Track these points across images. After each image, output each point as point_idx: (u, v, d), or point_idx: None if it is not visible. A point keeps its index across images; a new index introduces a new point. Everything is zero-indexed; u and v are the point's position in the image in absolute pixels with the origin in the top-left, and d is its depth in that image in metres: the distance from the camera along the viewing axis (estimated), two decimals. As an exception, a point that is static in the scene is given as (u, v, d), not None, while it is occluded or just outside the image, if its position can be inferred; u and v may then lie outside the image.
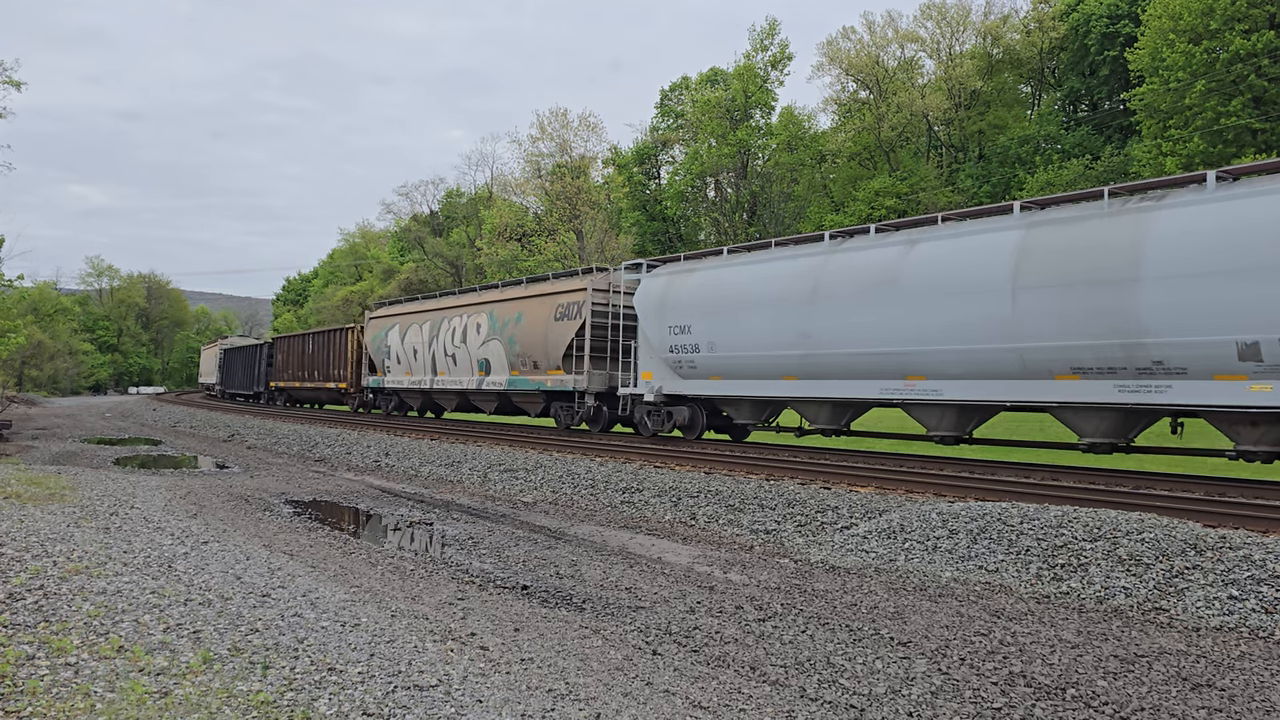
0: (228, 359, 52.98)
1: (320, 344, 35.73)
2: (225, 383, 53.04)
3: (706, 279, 17.61)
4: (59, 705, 4.30)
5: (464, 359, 25.02)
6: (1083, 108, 46.17)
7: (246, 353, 47.95)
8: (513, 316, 22.98)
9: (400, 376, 28.83)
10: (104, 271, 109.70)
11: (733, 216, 50.41)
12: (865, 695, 5.38)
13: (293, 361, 38.82)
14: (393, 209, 79.79)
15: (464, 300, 26.18)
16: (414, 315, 28.20)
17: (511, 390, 22.95)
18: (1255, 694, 5.43)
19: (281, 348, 40.87)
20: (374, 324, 31.07)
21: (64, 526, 9.33)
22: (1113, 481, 12.13)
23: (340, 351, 33.58)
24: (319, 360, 35.66)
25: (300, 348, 38.25)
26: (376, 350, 30.25)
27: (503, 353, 23.11)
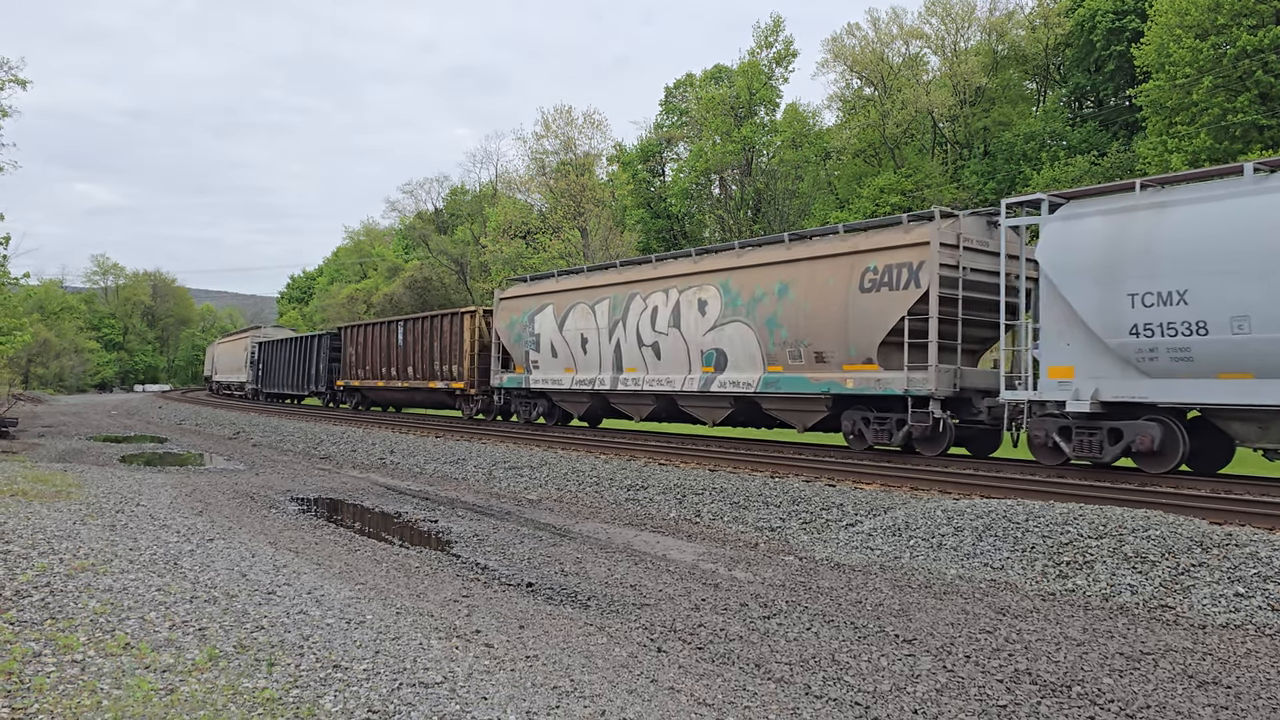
0: (266, 354, 45.17)
1: (419, 333, 28.47)
2: (263, 381, 45.21)
3: (1231, 213, 10.69)
4: (65, 702, 4.31)
5: (673, 350, 18.46)
6: (1088, 104, 46.01)
7: (295, 346, 40.14)
8: (771, 287, 16.42)
9: (556, 374, 22.02)
10: (109, 269, 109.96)
11: (737, 214, 50.35)
12: (870, 693, 5.37)
13: (372, 356, 31.63)
14: (397, 206, 79.81)
15: (672, 269, 19.16)
16: (580, 292, 21.32)
17: (770, 394, 16.39)
18: (1261, 691, 5.42)
19: (354, 339, 33.26)
20: (511, 306, 23.80)
21: (70, 524, 9.36)
22: (1118, 479, 12.09)
23: (450, 342, 26.53)
24: (416, 354, 28.51)
25: (383, 339, 31.05)
26: (516, 340, 23.23)
27: (753, 339, 16.64)
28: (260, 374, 45.87)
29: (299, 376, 39.19)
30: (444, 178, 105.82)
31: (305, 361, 38.46)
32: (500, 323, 24.17)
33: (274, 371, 43.36)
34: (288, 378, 40.84)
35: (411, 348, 28.81)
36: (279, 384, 42.41)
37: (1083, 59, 43.54)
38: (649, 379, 19.09)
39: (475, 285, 57.57)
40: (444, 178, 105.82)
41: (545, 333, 22.19)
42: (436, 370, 27.40)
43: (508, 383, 23.95)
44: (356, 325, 34.05)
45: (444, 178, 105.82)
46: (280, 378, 42.17)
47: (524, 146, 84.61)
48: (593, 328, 20.64)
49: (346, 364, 33.88)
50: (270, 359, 44.39)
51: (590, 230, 48.78)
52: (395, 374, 30.05)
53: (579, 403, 21.98)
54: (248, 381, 49.17)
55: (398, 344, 29.68)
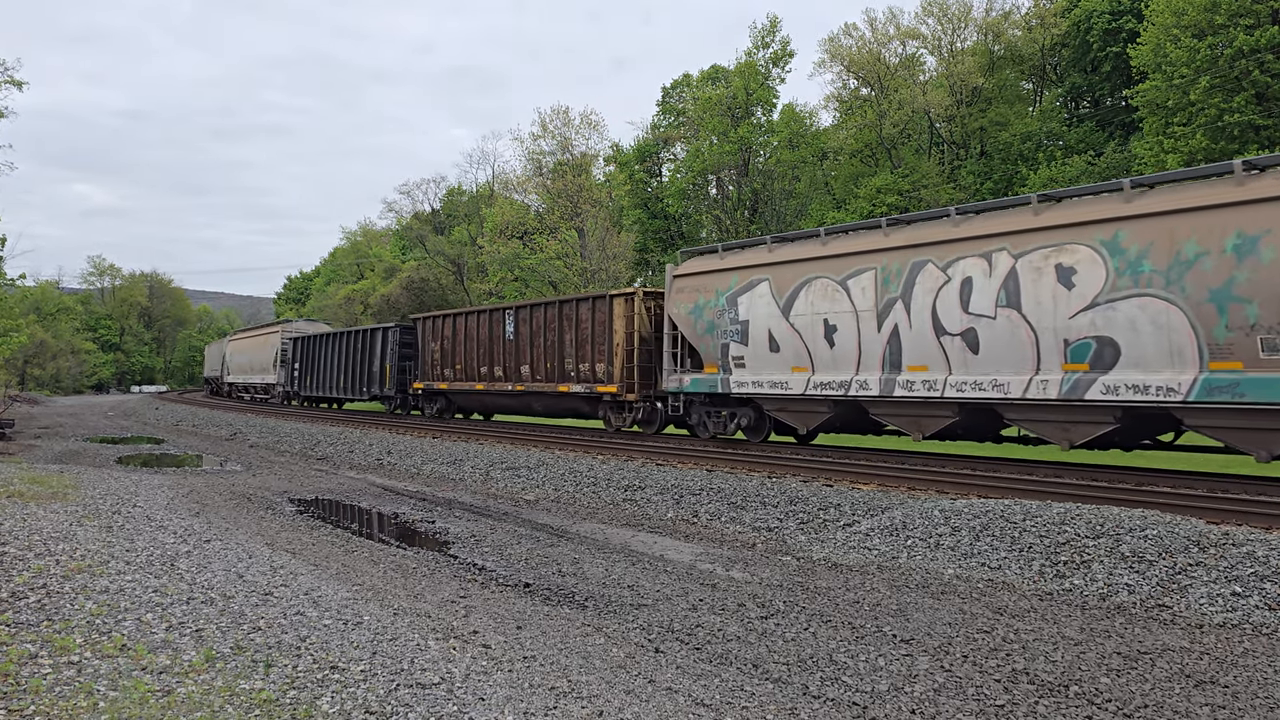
0: (305, 351, 38.02)
1: (540, 324, 22.56)
2: (300, 382, 38.31)
3: None
4: (62, 704, 4.30)
5: (1003, 339, 12.79)
6: (1085, 104, 46.10)
7: (348, 342, 33.34)
8: (1216, 241, 10.73)
9: (775, 374, 16.18)
10: (106, 270, 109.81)
11: (734, 214, 50.37)
12: (868, 693, 5.37)
13: (466, 352, 25.53)
14: (394, 207, 79.74)
15: (993, 224, 13.25)
16: (819, 263, 15.49)
17: (1219, 405, 10.70)
18: (1258, 691, 5.42)
19: (437, 332, 27.08)
20: (695, 285, 17.87)
21: (67, 525, 9.34)
22: (1115, 478, 12.11)
23: (593, 334, 20.72)
24: (535, 349, 22.65)
25: (482, 331, 24.88)
26: (706, 329, 17.46)
27: (1178, 322, 10.97)
28: (296, 374, 38.83)
29: (353, 377, 32.43)
30: (441, 178, 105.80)
31: (362, 360, 31.84)
32: (678, 307, 18.14)
33: (316, 371, 36.37)
34: (336, 379, 34.14)
35: (528, 342, 22.96)
36: (323, 386, 35.52)
37: (1079, 59, 43.64)
38: (957, 381, 13.37)
39: (473, 286, 57.54)
40: (441, 178, 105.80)
41: (758, 319, 16.39)
42: (570, 370, 21.47)
43: (691, 386, 17.92)
44: (443, 315, 27.33)
45: (441, 178, 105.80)
46: (325, 379, 35.31)
47: (521, 147, 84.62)
48: (845, 310, 14.84)
49: (428, 362, 27.51)
50: (310, 357, 37.22)
51: (587, 231, 48.77)
52: (503, 375, 23.95)
53: (811, 413, 15.97)
54: (277, 383, 42.03)
55: (505, 337, 23.85)
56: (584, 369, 21.07)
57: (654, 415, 20.00)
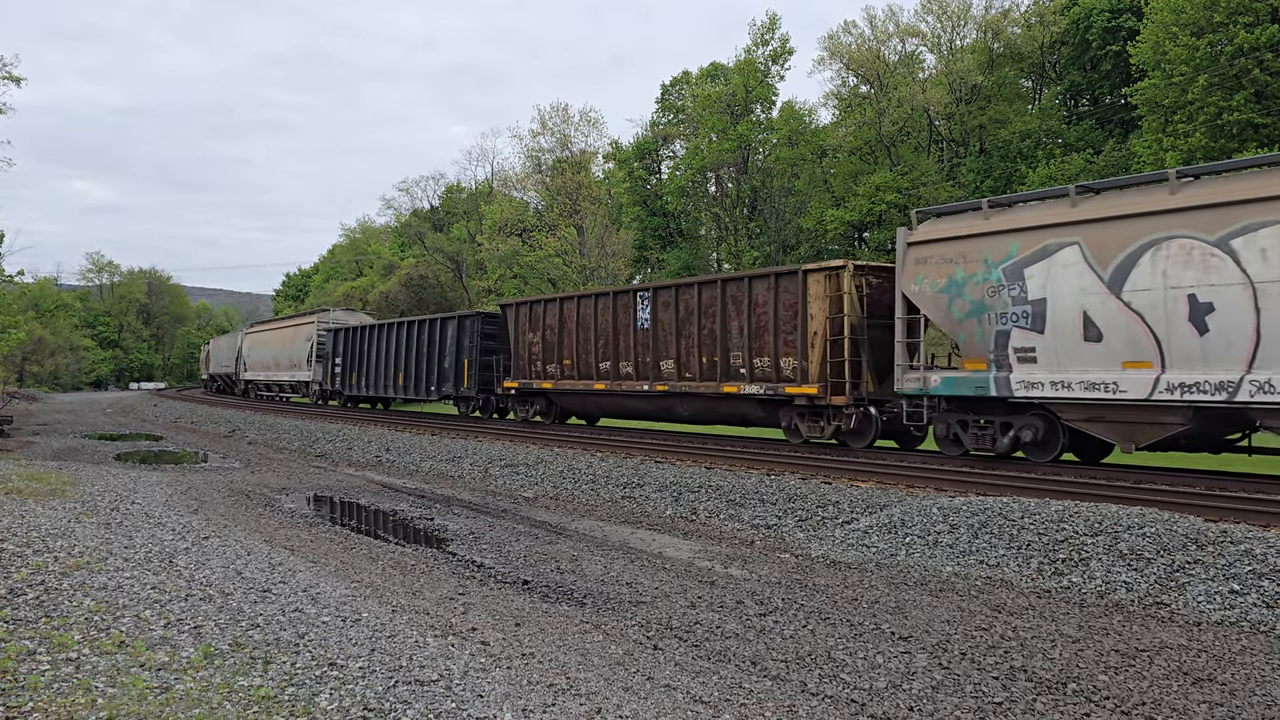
0: (352, 345, 33.12)
1: (692, 307, 18.14)
2: (343, 380, 33.65)
3: None
4: (60, 701, 4.30)
5: None
6: (1084, 102, 46.09)
7: (409, 333, 29.00)
8: None
9: (1086, 370, 12.23)
10: (105, 267, 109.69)
11: (733, 211, 50.37)
12: (866, 690, 5.37)
13: (582, 344, 21.12)
14: (393, 204, 79.85)
15: None
16: (1163, 219, 11.48)
17: None
18: (1256, 688, 5.43)
19: (539, 320, 22.52)
20: (948, 253, 13.98)
21: (65, 522, 9.33)
22: (1114, 476, 12.12)
23: (776, 321, 16.51)
24: (692, 341, 18.14)
25: (608, 317, 20.31)
26: (967, 312, 13.56)
27: None
28: (338, 371, 33.87)
29: (415, 374, 28.11)
30: (440, 175, 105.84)
31: (429, 354, 27.33)
32: (920, 284, 14.23)
33: (364, 368, 31.77)
34: (390, 376, 29.77)
35: (672, 331, 18.51)
36: (374, 384, 31.07)
37: (1078, 57, 43.63)
38: None
39: (471, 283, 57.54)
40: (440, 175, 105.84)
41: (1062, 296, 12.39)
42: (738, 366, 17.14)
43: (942, 387, 13.86)
44: (545, 300, 22.74)
45: (440, 175, 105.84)
46: (376, 376, 30.83)
47: (520, 144, 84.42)
48: (1230, 282, 10.74)
49: (523, 357, 23.00)
50: (357, 351, 32.48)
51: (586, 228, 48.75)
52: (633, 372, 19.59)
53: (1152, 424, 11.87)
54: (314, 380, 36.89)
55: (637, 326, 19.47)
56: (762, 365, 16.72)
57: (866, 424, 15.69)
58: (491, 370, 25.08)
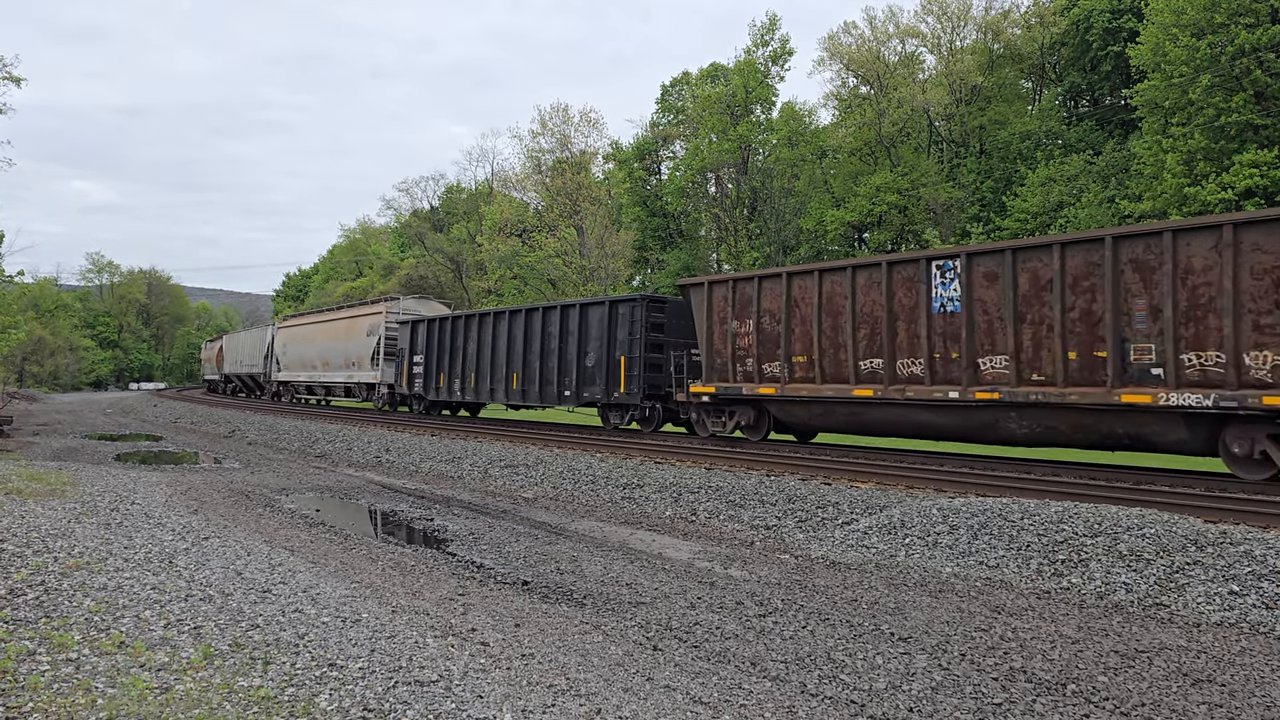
0: (434, 338, 27.78)
1: (1044, 275, 13.09)
2: (427, 383, 27.99)
3: None
4: (60, 701, 4.30)
5: None
6: (1084, 103, 46.09)
7: (531, 323, 23.44)
8: None
9: None
10: (104, 267, 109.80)
11: (733, 212, 50.38)
12: (866, 691, 5.38)
13: (828, 333, 15.83)
14: (393, 205, 79.84)
15: None
16: None
17: None
18: (1255, 689, 5.43)
19: (754, 304, 17.07)
20: None
21: (65, 522, 9.33)
22: (1114, 477, 12.12)
23: (1233, 291, 11.19)
24: (1033, 326, 13.13)
25: (878, 297, 15.13)
26: None
27: None
28: (419, 371, 28.39)
29: (541, 375, 22.74)
30: (440, 176, 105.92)
31: (560, 350, 22.23)
32: None
33: (460, 367, 26.29)
34: (503, 378, 24.25)
35: (1006, 313, 13.36)
36: (478, 387, 25.32)
37: (1078, 58, 43.64)
38: None
39: (471, 284, 57.56)
40: (440, 176, 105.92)
41: None
42: (1148, 364, 11.95)
43: None
44: (762, 277, 17.01)
45: (440, 176, 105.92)
46: (480, 377, 25.23)
47: (520, 145, 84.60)
48: None
49: (721, 353, 17.53)
50: (449, 347, 26.88)
51: (586, 229, 48.76)
52: (924, 373, 14.35)
53: None
54: (380, 382, 31.08)
55: (932, 307, 14.37)
56: (1204, 362, 11.44)
57: None
58: (661, 370, 19.78)
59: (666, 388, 19.82)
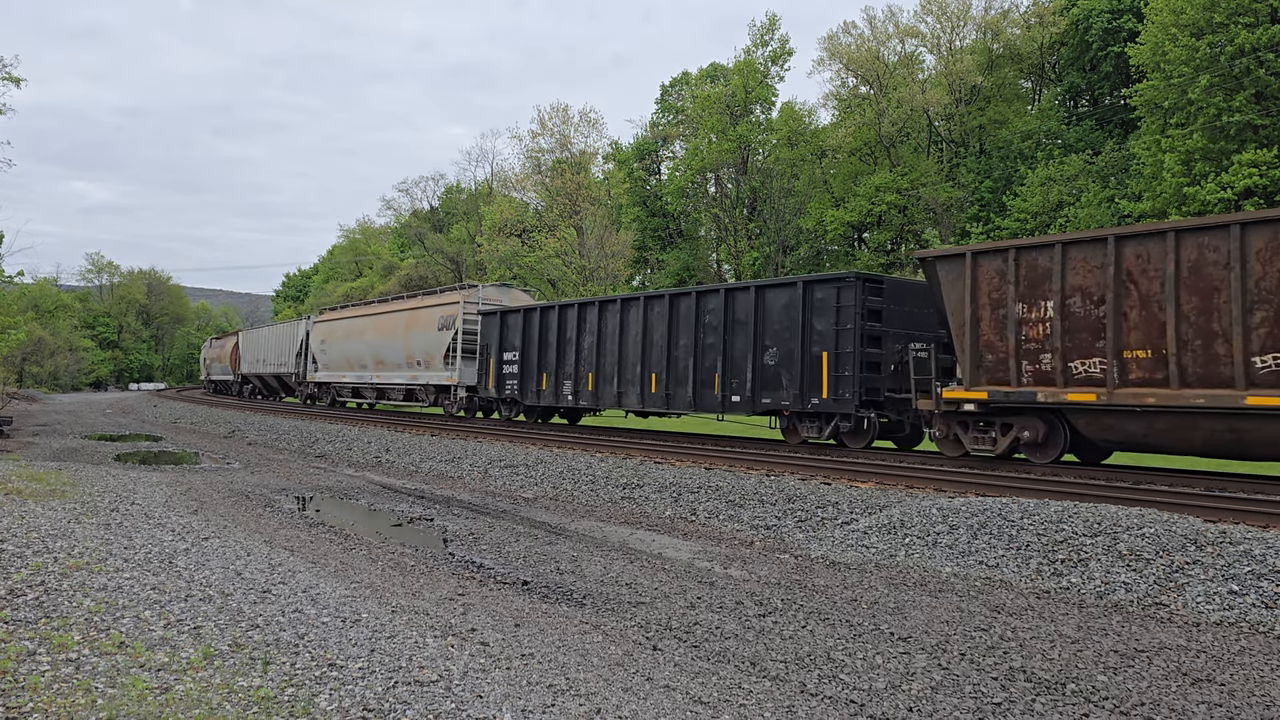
0: (530, 331, 23.70)
1: None
2: (523, 384, 23.91)
3: None
4: (60, 701, 4.30)
5: None
6: (1084, 103, 46.11)
7: (675, 311, 19.56)
8: None
9: None
10: (104, 268, 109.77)
11: (733, 212, 50.39)
12: (865, 690, 5.38)
13: (1197, 316, 11.64)
14: (393, 205, 79.86)
15: None
16: None
17: None
18: (1255, 689, 5.44)
19: (1054, 280, 12.89)
20: None
21: (65, 523, 9.34)
22: (1113, 477, 12.13)
23: None
24: None
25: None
26: None
27: None
28: (519, 370, 23.91)
29: (694, 375, 18.66)
30: (440, 176, 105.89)
31: (724, 344, 18.12)
32: None
33: (572, 365, 22.13)
34: (636, 378, 20.24)
35: None
36: (600, 391, 21.25)
37: (1078, 58, 43.67)
38: None
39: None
40: (440, 176, 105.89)
41: None
42: None
43: None
44: (1067, 243, 13.02)
45: (440, 176, 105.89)
46: (603, 378, 21.17)
47: (520, 145, 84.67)
48: None
49: (998, 346, 13.72)
50: (553, 342, 22.75)
51: (586, 229, 48.77)
52: None
53: None
54: (458, 383, 26.65)
55: None
56: None
57: None
58: (878, 370, 16.13)
59: (887, 391, 16.01)
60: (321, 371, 36.73)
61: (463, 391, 26.83)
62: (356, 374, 33.56)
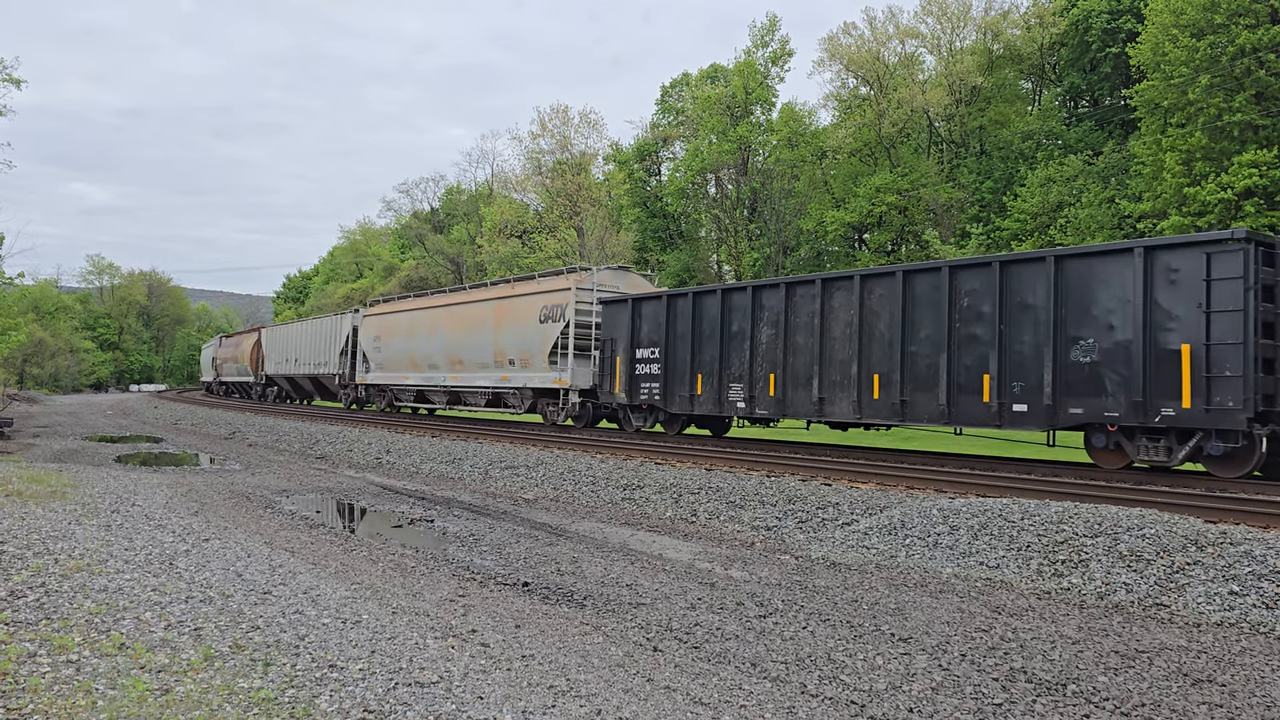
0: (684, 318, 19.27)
1: None
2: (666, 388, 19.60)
3: None
4: (60, 703, 4.30)
5: None
6: (1084, 104, 46.10)
7: (910, 291, 15.06)
8: None
9: None
10: (105, 269, 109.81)
11: (733, 213, 50.39)
12: (866, 691, 5.38)
13: None
14: (393, 206, 79.92)
15: None
16: None
17: None
18: (1256, 689, 5.43)
19: None
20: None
21: (65, 524, 9.34)
22: (1114, 477, 12.12)
23: None
24: None
25: None
26: None
27: None
28: (664, 369, 19.56)
29: (950, 377, 14.31)
30: (440, 177, 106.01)
31: (993, 336, 13.86)
32: None
33: (751, 364, 17.56)
34: (859, 380, 15.66)
35: None
36: (788, 396, 16.80)
37: (1078, 59, 43.64)
38: None
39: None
40: (440, 177, 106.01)
41: None
42: None
43: None
44: None
45: (440, 177, 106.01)
46: (795, 380, 16.75)
47: (520, 146, 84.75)
48: None
49: None
50: (727, 335, 18.22)
51: (586, 230, 48.79)
52: None
53: None
54: (569, 385, 22.15)
55: None
56: None
57: None
58: (1274, 370, 11.79)
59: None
60: (375, 372, 32.01)
61: (575, 396, 22.26)
62: (424, 375, 28.71)
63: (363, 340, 32.96)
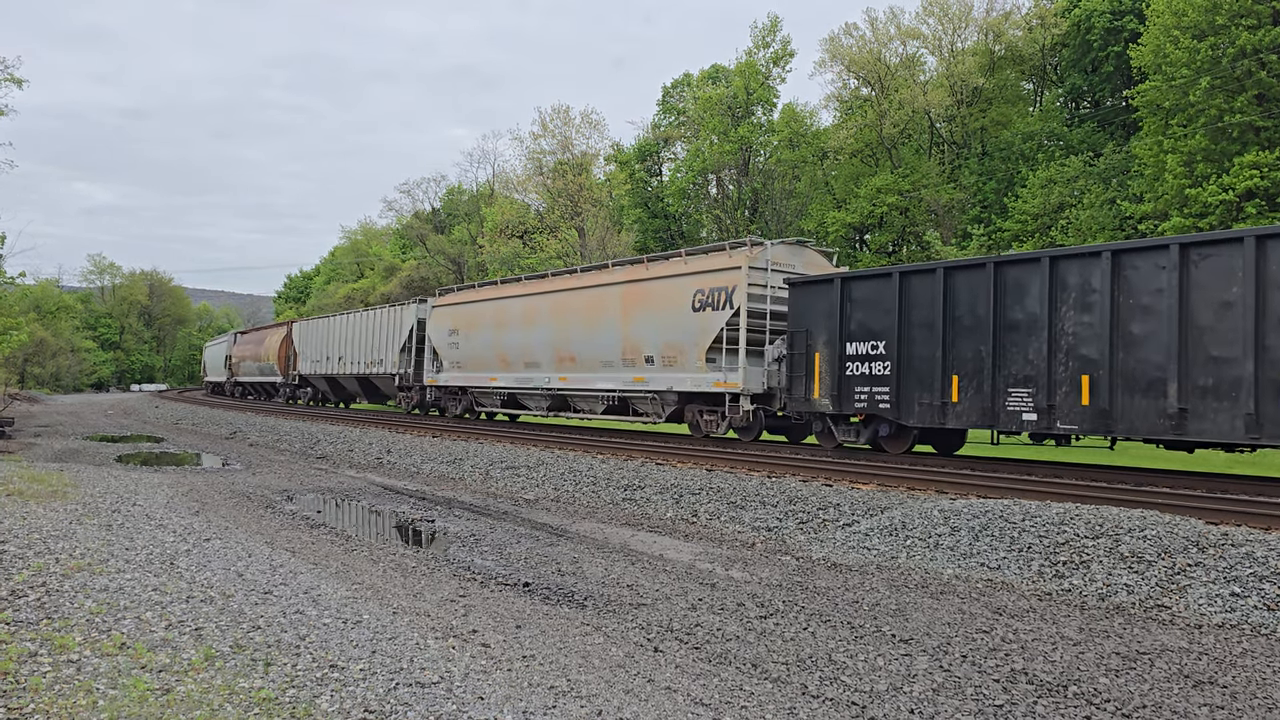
0: (950, 301, 13.83)
1: None
2: (901, 393, 14.44)
3: None
4: (61, 702, 4.30)
5: None
6: (1085, 105, 46.09)
7: None
8: None
9: None
10: (106, 269, 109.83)
11: (735, 213, 50.38)
12: (867, 692, 5.37)
13: None
14: (394, 206, 79.78)
15: None
16: None
17: None
18: (1257, 691, 5.43)
19: None
20: None
21: (66, 524, 9.34)
22: (1115, 479, 12.11)
23: None
24: None
25: None
26: None
27: None
28: (894, 370, 14.59)
29: None
30: (441, 177, 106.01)
31: None
32: None
33: (1054, 362, 12.44)
34: (1255, 383, 10.42)
35: None
36: (1115, 407, 11.70)
37: (1079, 59, 43.64)
38: None
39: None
40: (441, 177, 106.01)
41: None
42: None
43: None
44: None
45: (441, 177, 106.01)
46: (1132, 382, 11.64)
47: (521, 146, 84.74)
48: None
49: None
50: (1001, 325, 13.16)
51: (587, 230, 48.79)
52: None
53: None
54: (744, 390, 17.29)
55: None
56: None
57: None
58: None
59: None
60: (450, 372, 27.15)
61: (747, 403, 17.53)
62: (518, 376, 23.76)
63: (432, 335, 28.01)
